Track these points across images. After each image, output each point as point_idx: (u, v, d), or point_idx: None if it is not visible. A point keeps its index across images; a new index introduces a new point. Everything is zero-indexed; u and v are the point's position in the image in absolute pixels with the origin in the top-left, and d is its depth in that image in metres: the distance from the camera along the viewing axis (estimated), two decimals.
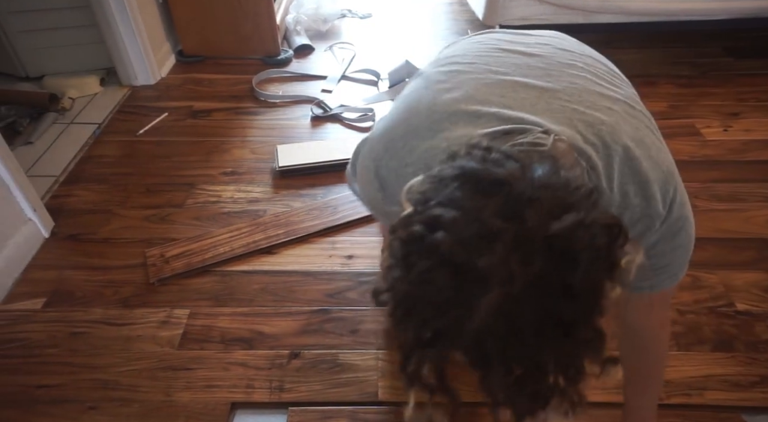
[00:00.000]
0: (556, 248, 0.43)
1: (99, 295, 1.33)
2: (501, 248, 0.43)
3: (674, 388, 1.10)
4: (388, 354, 1.19)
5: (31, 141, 1.85)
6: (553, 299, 0.43)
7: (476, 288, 0.43)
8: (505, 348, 0.43)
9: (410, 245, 0.47)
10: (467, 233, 0.44)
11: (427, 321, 0.45)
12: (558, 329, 0.43)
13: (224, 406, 1.10)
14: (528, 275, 0.42)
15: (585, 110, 0.64)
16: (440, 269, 0.44)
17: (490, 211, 0.44)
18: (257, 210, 1.58)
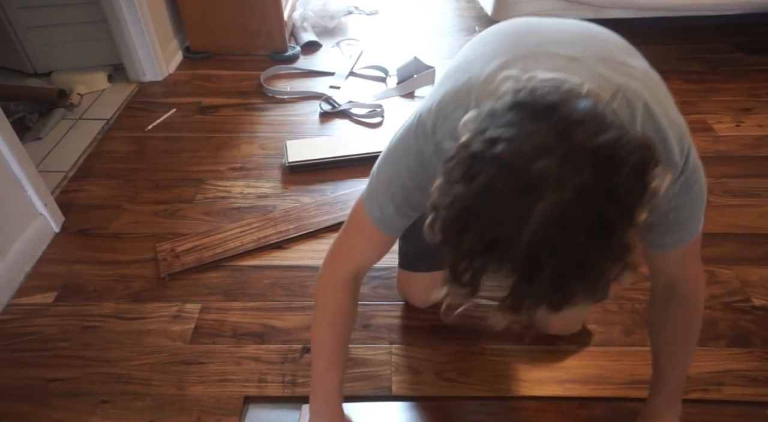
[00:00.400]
0: (601, 158, 0.49)
1: (110, 289, 1.33)
2: (554, 158, 0.48)
3: (692, 383, 1.09)
4: (402, 348, 1.19)
5: (40, 137, 1.84)
6: (599, 202, 0.48)
7: (532, 195, 0.48)
8: (556, 248, 0.48)
9: (471, 161, 0.52)
10: (525, 147, 0.50)
11: (485, 229, 0.50)
12: (602, 230, 0.49)
13: (237, 400, 1.09)
14: (578, 182, 0.47)
15: (610, 74, 0.68)
16: (501, 177, 0.49)
17: (543, 131, 0.50)
18: (267, 205, 1.58)
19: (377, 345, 1.20)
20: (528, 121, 0.52)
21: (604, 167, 0.49)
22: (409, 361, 1.17)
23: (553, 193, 0.47)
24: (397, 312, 1.27)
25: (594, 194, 0.48)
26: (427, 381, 1.13)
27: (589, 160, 0.48)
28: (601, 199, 0.48)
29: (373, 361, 1.17)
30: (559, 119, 0.50)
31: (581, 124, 0.50)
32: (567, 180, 0.48)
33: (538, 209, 0.47)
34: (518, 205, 0.48)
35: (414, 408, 1.08)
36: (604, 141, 0.49)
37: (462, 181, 0.52)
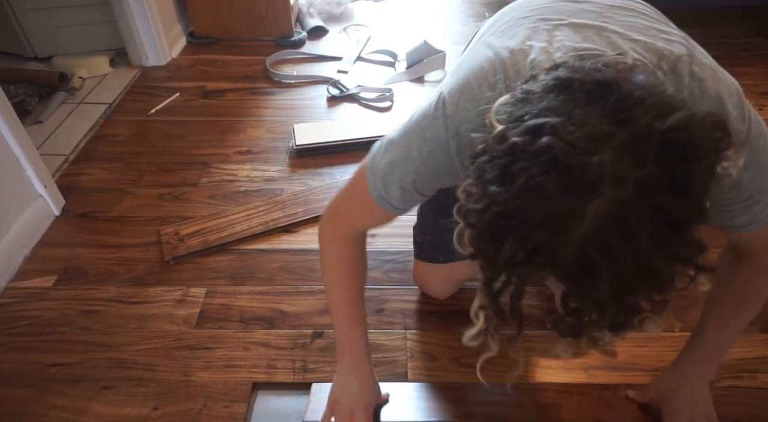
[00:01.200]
0: (670, 145, 0.42)
1: (112, 273, 1.28)
2: (612, 149, 0.41)
3: (724, 371, 1.03)
4: (417, 333, 1.14)
5: (40, 120, 1.79)
6: (666, 199, 0.42)
7: (585, 193, 0.41)
8: (614, 255, 0.41)
9: (510, 157, 0.45)
10: (576, 136, 0.42)
11: (528, 234, 0.43)
12: (669, 230, 0.42)
13: (245, 386, 1.04)
14: (640, 176, 0.41)
15: (646, 40, 0.61)
16: (549, 175, 0.42)
17: (597, 114, 0.43)
18: (274, 189, 1.53)
19: (392, 331, 1.15)
20: (575, 103, 0.45)
21: (672, 156, 0.42)
22: (425, 347, 1.11)
23: (611, 190, 0.41)
24: (412, 297, 1.22)
25: (659, 190, 0.41)
26: (445, 366, 1.08)
27: (653, 149, 0.42)
28: (668, 194, 0.42)
29: (388, 347, 1.12)
30: (615, 100, 0.44)
31: (641, 105, 0.43)
32: (627, 175, 0.41)
33: (591, 209, 0.41)
34: (569, 205, 0.42)
35: (431, 395, 1.03)
36: (671, 125, 0.42)
37: (499, 180, 0.45)
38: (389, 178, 0.72)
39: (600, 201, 0.41)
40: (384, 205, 0.74)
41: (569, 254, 0.42)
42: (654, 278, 0.43)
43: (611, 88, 0.44)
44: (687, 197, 0.42)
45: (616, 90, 0.44)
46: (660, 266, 0.42)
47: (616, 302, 0.43)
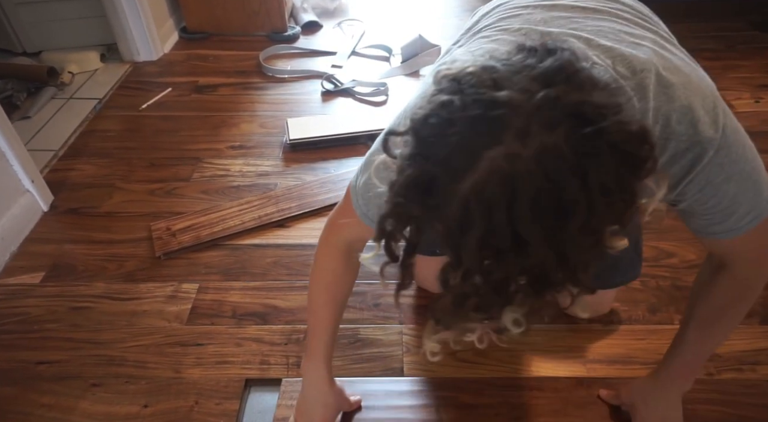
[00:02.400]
0: (585, 122, 0.39)
1: (102, 269, 1.25)
2: (528, 102, 0.39)
3: (724, 363, 1.02)
4: (413, 328, 1.12)
5: (29, 116, 1.76)
6: (562, 177, 0.38)
7: (487, 137, 0.39)
8: (491, 214, 0.39)
9: (441, 85, 0.44)
10: (499, 77, 0.42)
11: (427, 164, 0.42)
12: (554, 212, 0.39)
13: (238, 383, 1.02)
14: (545, 141, 0.38)
15: (612, 44, 0.59)
16: (459, 96, 0.41)
17: (528, 70, 0.42)
18: (268, 184, 1.50)
19: (387, 325, 1.12)
20: (517, 58, 0.44)
21: (585, 137, 0.39)
22: (421, 341, 1.09)
23: (512, 143, 0.39)
24: (408, 291, 1.19)
25: (560, 164, 0.38)
26: (441, 361, 1.05)
27: (568, 123, 0.39)
28: (567, 173, 0.38)
29: (384, 341, 1.09)
30: (552, 64, 0.42)
31: (576, 77, 0.42)
32: (533, 133, 0.38)
33: (487, 157, 0.39)
34: (470, 141, 0.40)
35: (427, 390, 1.01)
36: (595, 102, 0.40)
37: (418, 105, 0.44)
38: (369, 196, 0.70)
39: (497, 150, 0.39)
40: (368, 222, 0.73)
41: (454, 201, 0.40)
42: (524, 253, 0.39)
43: (554, 54, 0.43)
44: (584, 187, 0.38)
45: (558, 55, 0.43)
46: (532, 243, 0.39)
47: (483, 274, 0.41)
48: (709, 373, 1.00)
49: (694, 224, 0.66)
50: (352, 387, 0.98)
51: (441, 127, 0.41)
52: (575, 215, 0.39)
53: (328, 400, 0.91)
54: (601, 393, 0.98)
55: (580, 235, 0.40)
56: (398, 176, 0.44)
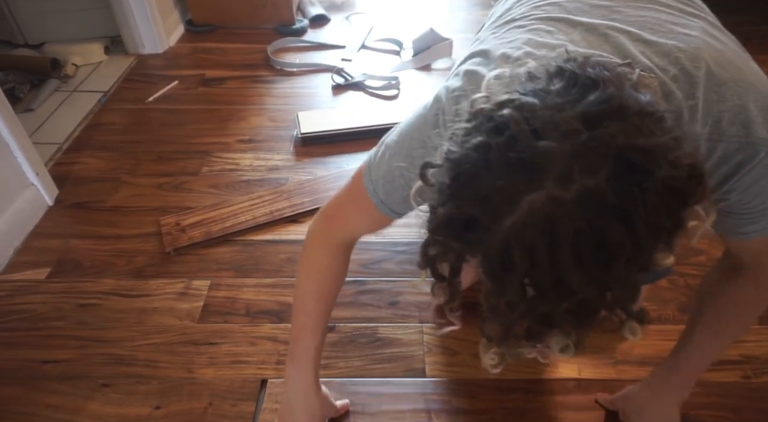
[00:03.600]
0: (629, 165, 0.38)
1: (109, 265, 1.21)
2: (569, 145, 0.38)
3: (761, 365, 0.98)
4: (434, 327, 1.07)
5: (32, 108, 1.72)
6: (605, 220, 0.38)
7: (528, 180, 0.39)
8: (532, 255, 0.38)
9: (476, 121, 0.43)
10: (539, 119, 0.40)
11: (465, 205, 0.42)
12: (597, 256, 0.38)
13: (253, 383, 0.98)
14: (587, 184, 0.37)
15: (657, 39, 0.56)
16: (498, 144, 0.40)
17: (570, 107, 0.40)
18: (279, 178, 1.46)
19: (407, 324, 1.08)
20: (557, 92, 0.42)
21: (629, 178, 0.38)
22: (443, 341, 1.05)
23: (553, 187, 0.38)
24: (426, 289, 1.15)
25: (602, 207, 0.38)
26: (465, 362, 1.02)
27: (611, 161, 0.38)
28: (609, 215, 0.38)
29: (404, 341, 1.05)
30: (595, 101, 0.40)
31: (621, 116, 0.40)
32: (575, 177, 0.38)
33: (528, 199, 0.38)
34: (509, 186, 0.39)
35: (450, 391, 0.97)
36: (641, 145, 0.38)
37: (456, 140, 0.44)
38: (390, 185, 0.67)
39: (538, 194, 0.38)
40: (384, 210, 0.70)
41: (495, 241, 0.39)
42: (569, 295, 0.39)
43: (596, 88, 0.41)
44: (629, 227, 0.38)
45: (602, 91, 0.41)
46: (576, 285, 0.39)
47: (528, 309, 0.41)
48: (746, 376, 0.96)
49: (725, 224, 0.62)
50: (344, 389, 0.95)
51: (479, 169, 0.41)
52: (620, 257, 0.38)
53: (314, 408, 0.85)
54: (599, 397, 0.94)
55: (625, 272, 0.39)
56: (436, 208, 0.44)
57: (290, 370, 0.84)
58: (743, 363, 0.98)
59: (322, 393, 0.87)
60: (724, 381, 0.96)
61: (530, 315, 0.41)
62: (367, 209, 0.70)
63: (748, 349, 1.00)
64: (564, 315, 0.41)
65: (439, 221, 0.43)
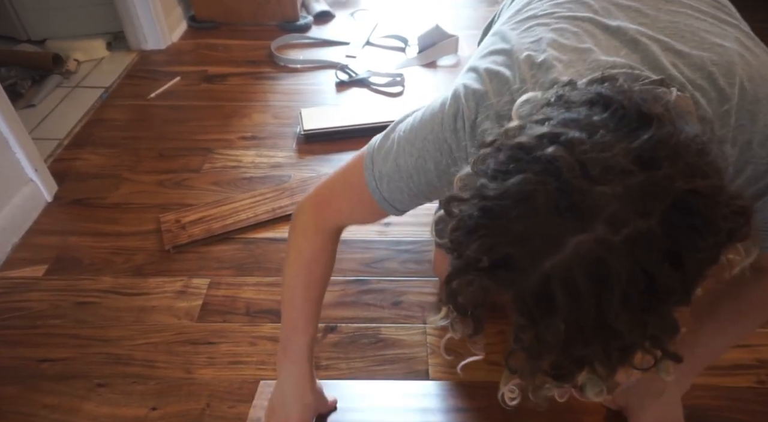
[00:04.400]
0: (684, 209, 0.37)
1: (108, 263, 1.19)
2: (622, 186, 0.37)
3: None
4: (437, 328, 1.05)
5: (33, 104, 1.70)
6: (657, 264, 0.36)
7: (575, 222, 0.37)
8: (578, 298, 0.36)
9: (513, 154, 0.41)
10: (589, 158, 0.37)
11: (500, 242, 0.39)
12: (646, 299, 0.37)
13: (252, 384, 0.96)
14: (639, 227, 0.36)
15: (691, 51, 0.53)
16: (545, 187, 0.38)
17: (623, 145, 0.38)
18: (281, 175, 1.44)
19: (410, 325, 1.06)
20: (605, 126, 0.40)
21: (681, 222, 0.37)
22: (448, 342, 1.03)
23: (603, 229, 0.36)
24: (430, 289, 1.13)
25: (653, 250, 0.36)
26: (470, 364, 0.98)
27: (665, 205, 0.37)
28: (660, 258, 0.37)
29: (407, 342, 1.03)
30: (649, 139, 0.38)
31: (674, 155, 0.38)
32: (626, 220, 0.36)
33: (574, 241, 0.37)
34: (553, 228, 0.37)
35: (455, 394, 0.95)
36: (695, 189, 0.37)
37: (492, 175, 0.41)
38: (395, 184, 0.64)
39: (587, 236, 0.36)
40: (386, 206, 0.68)
41: (532, 280, 0.38)
42: (611, 339, 0.38)
43: (650, 125, 0.39)
44: (679, 270, 0.37)
45: (656, 128, 0.39)
46: (621, 329, 0.37)
47: (564, 350, 0.39)
48: (761, 381, 0.93)
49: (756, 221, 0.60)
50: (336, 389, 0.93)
51: (520, 210, 0.38)
52: (669, 300, 0.38)
53: (308, 400, 0.83)
54: None
55: (669, 312, 0.39)
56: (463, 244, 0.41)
57: (286, 363, 0.82)
58: (758, 367, 0.96)
59: (317, 387, 0.86)
60: (737, 385, 0.93)
61: (564, 356, 0.40)
62: (366, 203, 0.68)
63: (763, 353, 0.98)
64: (600, 356, 0.40)
65: (468, 259, 0.40)
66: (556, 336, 0.38)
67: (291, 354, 0.81)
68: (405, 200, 0.66)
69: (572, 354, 0.39)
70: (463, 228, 0.41)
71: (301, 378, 0.82)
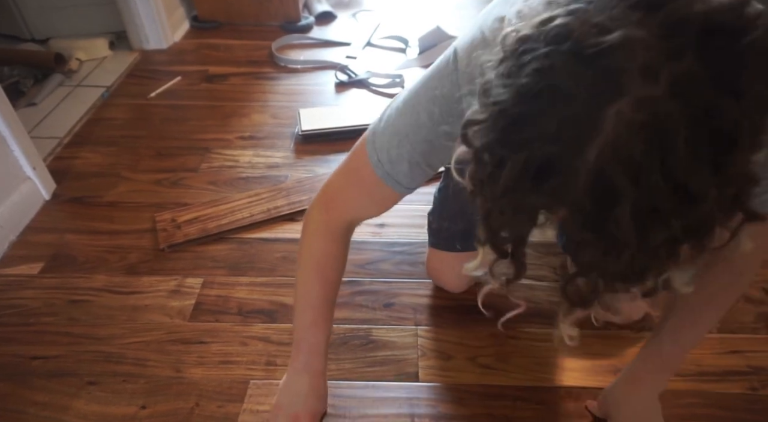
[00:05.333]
0: (716, 32, 0.32)
1: (103, 261, 1.19)
2: (640, 33, 0.32)
3: None
4: (429, 330, 1.05)
5: (34, 102, 1.71)
6: (710, 96, 0.32)
7: (605, 88, 0.32)
8: (640, 173, 0.32)
9: (517, 50, 0.36)
10: (595, 17, 0.33)
11: (534, 150, 0.35)
12: (716, 144, 0.32)
13: (242, 384, 0.96)
14: (676, 70, 0.31)
15: None
16: (558, 63, 0.33)
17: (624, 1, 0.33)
18: (278, 176, 1.44)
19: (401, 326, 1.06)
20: None
21: (718, 47, 0.32)
22: (438, 345, 1.02)
23: (639, 86, 0.32)
24: (424, 290, 1.13)
25: (702, 86, 0.32)
26: (460, 367, 0.99)
27: (692, 36, 0.32)
28: (714, 93, 0.32)
29: (397, 344, 1.03)
30: None
31: None
32: (659, 67, 0.32)
33: (612, 112, 0.32)
34: (583, 105, 0.33)
35: (444, 397, 0.94)
36: (717, 6, 0.32)
37: (503, 79, 0.36)
38: (396, 152, 0.63)
39: (624, 101, 0.32)
40: (390, 182, 0.66)
41: (583, 176, 0.33)
42: (691, 205, 0.33)
43: None
44: (737, 98, 0.32)
45: None
46: (699, 189, 0.33)
47: (640, 239, 0.34)
48: (753, 388, 0.92)
49: None
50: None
51: (542, 99, 0.34)
52: (742, 135, 0.33)
53: (322, 392, 0.83)
54: (589, 405, 0.90)
55: (745, 156, 0.34)
56: (495, 168, 0.37)
57: (300, 362, 0.81)
58: (750, 373, 0.94)
59: (326, 386, 0.85)
60: (728, 392, 0.92)
61: (645, 249, 0.35)
62: (370, 184, 0.67)
63: (757, 359, 0.96)
64: (684, 236, 0.35)
65: (505, 180, 0.36)
66: (628, 230, 0.33)
67: (307, 350, 0.80)
68: (407, 170, 0.65)
69: (649, 243, 0.35)
70: (490, 149, 0.37)
71: (318, 373, 0.81)
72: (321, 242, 0.76)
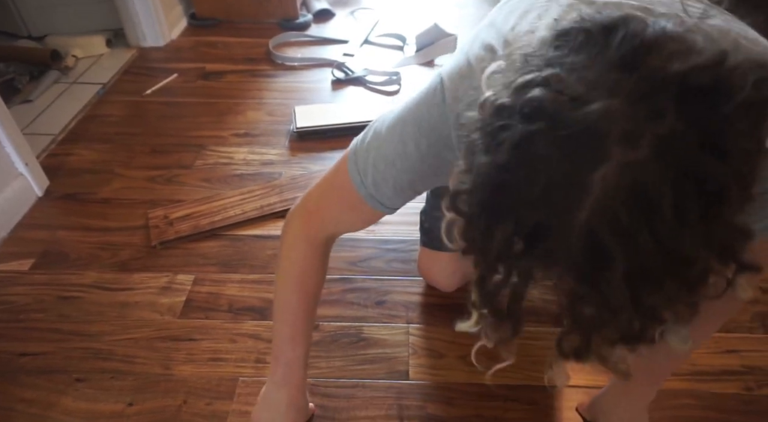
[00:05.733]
0: (695, 89, 0.32)
1: (94, 258, 1.19)
2: (618, 97, 0.32)
3: (765, 377, 0.92)
4: (420, 328, 1.04)
5: (30, 99, 1.71)
6: (694, 158, 0.32)
7: (587, 156, 0.32)
8: (628, 236, 0.32)
9: (496, 119, 0.37)
10: (572, 86, 0.33)
11: (524, 215, 0.35)
12: (703, 205, 0.32)
13: (230, 382, 0.95)
14: (658, 131, 0.31)
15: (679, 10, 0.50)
16: (538, 133, 0.34)
17: (599, 60, 0.34)
18: (272, 173, 1.43)
19: (393, 324, 1.05)
20: (575, 52, 0.36)
21: (699, 104, 0.32)
22: (430, 343, 1.01)
23: (621, 151, 0.32)
24: (415, 289, 1.12)
25: (686, 147, 0.32)
26: (451, 365, 0.97)
27: (672, 95, 0.32)
28: (697, 153, 0.32)
29: (388, 342, 1.02)
30: (622, 40, 0.34)
31: (657, 45, 0.34)
32: (640, 129, 0.32)
33: (597, 177, 0.32)
34: (569, 173, 0.33)
35: (434, 397, 0.93)
36: (694, 64, 0.32)
37: (485, 149, 0.37)
38: (380, 175, 0.62)
39: (608, 166, 0.32)
40: (373, 204, 0.65)
41: (574, 238, 0.34)
42: (682, 267, 0.34)
43: (617, 28, 0.35)
44: (722, 157, 0.32)
45: (624, 26, 0.35)
46: (689, 251, 0.33)
47: (633, 301, 0.34)
48: (748, 388, 0.91)
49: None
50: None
51: (525, 169, 0.35)
52: (726, 197, 0.33)
53: (301, 405, 0.82)
54: (579, 407, 0.90)
55: (735, 215, 0.34)
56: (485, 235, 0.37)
57: (278, 375, 0.80)
58: (746, 373, 0.93)
59: (306, 398, 0.84)
60: (723, 392, 0.91)
61: (636, 309, 0.35)
62: (353, 203, 0.66)
63: (752, 359, 0.95)
64: (677, 292, 0.35)
65: (497, 247, 0.36)
66: (621, 289, 0.34)
67: (285, 362, 0.79)
68: (391, 194, 0.64)
69: (643, 304, 0.35)
70: (478, 220, 0.38)
71: (297, 387, 0.80)
72: (301, 254, 0.75)
